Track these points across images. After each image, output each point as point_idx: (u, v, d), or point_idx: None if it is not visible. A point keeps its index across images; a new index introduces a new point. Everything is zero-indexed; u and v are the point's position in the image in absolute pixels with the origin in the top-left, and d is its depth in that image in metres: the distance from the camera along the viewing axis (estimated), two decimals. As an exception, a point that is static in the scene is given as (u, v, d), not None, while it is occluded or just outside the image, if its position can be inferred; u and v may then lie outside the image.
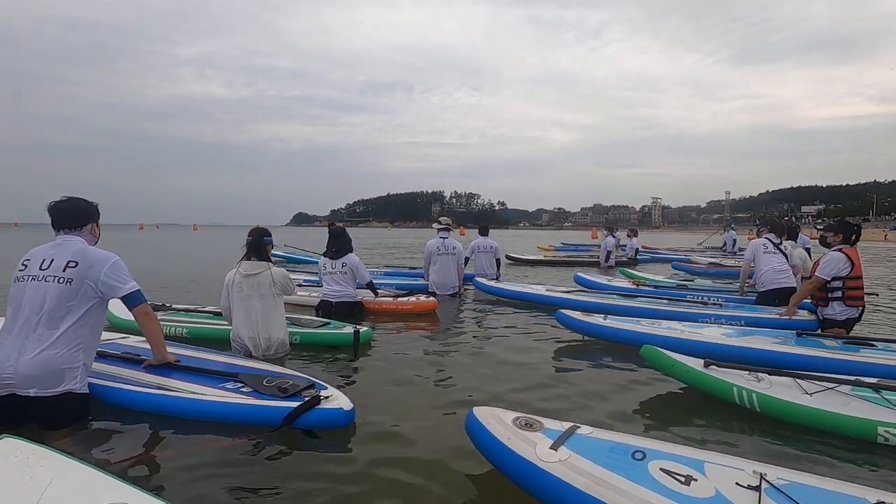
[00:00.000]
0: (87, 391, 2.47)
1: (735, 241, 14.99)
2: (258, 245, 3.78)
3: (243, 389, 2.61)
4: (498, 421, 1.98)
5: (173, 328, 4.32)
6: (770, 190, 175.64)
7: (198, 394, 2.58)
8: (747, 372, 2.82)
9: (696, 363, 2.94)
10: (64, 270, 2.43)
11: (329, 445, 2.40)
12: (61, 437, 2.31)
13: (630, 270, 9.40)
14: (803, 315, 4.47)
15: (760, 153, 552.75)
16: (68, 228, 2.60)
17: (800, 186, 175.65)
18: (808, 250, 9.45)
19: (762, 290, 5.29)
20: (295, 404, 2.40)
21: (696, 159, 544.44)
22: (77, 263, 2.45)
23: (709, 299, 5.50)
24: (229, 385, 2.67)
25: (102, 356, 2.88)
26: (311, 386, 2.65)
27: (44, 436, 2.27)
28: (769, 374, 2.78)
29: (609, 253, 11.79)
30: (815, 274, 4.14)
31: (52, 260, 2.47)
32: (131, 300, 2.58)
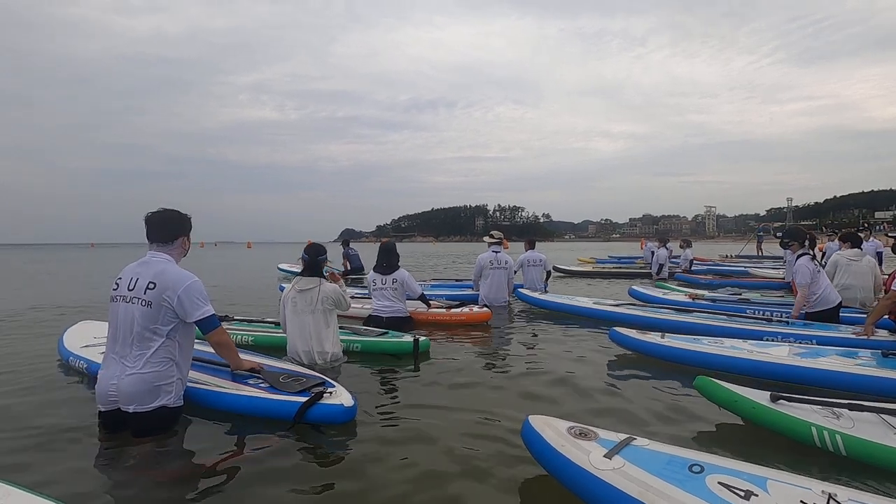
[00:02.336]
0: (181, 404, 2.58)
1: None
2: (313, 263, 3.92)
3: (262, 385, 2.84)
4: (552, 429, 2.02)
5: (240, 336, 4.60)
6: (837, 195, 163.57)
7: (221, 387, 2.83)
8: (821, 406, 2.48)
9: (761, 396, 2.59)
10: (145, 292, 2.48)
11: (383, 446, 2.46)
12: (145, 442, 2.46)
13: (666, 284, 9.01)
14: (883, 335, 4.09)
15: (826, 157, 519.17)
16: (160, 242, 2.62)
17: (872, 190, 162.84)
18: (879, 255, 8.83)
19: (813, 310, 4.88)
20: (303, 399, 2.61)
21: (754, 165, 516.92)
22: (155, 285, 2.48)
23: (773, 315, 5.21)
24: (251, 381, 2.91)
25: None
26: (322, 384, 2.83)
27: (133, 441, 2.47)
28: (849, 410, 2.41)
29: (661, 266, 11.41)
30: (893, 287, 3.87)
31: (137, 280, 2.52)
32: (204, 325, 2.60)
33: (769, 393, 2.60)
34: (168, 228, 2.64)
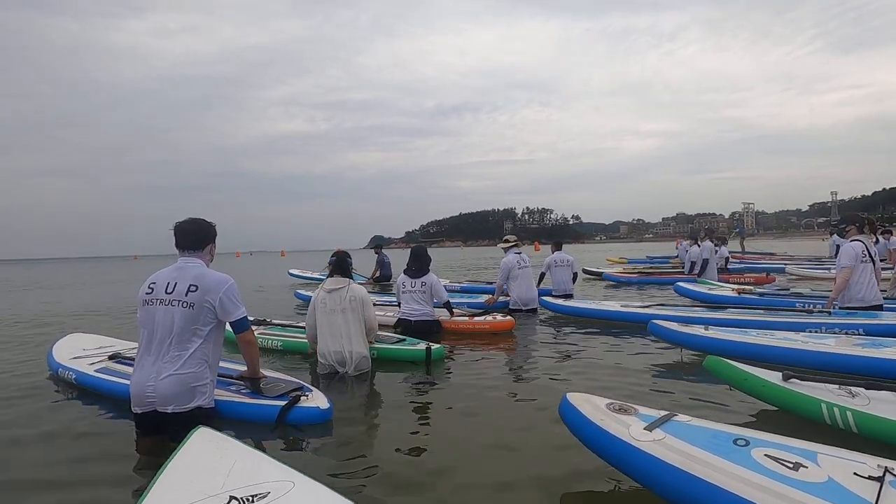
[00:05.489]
0: (213, 405, 2.67)
1: (838, 246, 13.42)
2: (342, 263, 4.05)
3: (244, 391, 2.96)
4: (591, 405, 2.02)
5: (270, 341, 4.75)
6: (887, 188, 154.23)
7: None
8: (836, 385, 2.42)
9: (773, 376, 2.56)
10: (186, 295, 2.55)
11: (402, 448, 2.51)
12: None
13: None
14: None
15: (873, 148, 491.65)
16: (191, 249, 2.71)
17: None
18: None
19: (847, 306, 4.59)
20: (282, 403, 2.77)
21: (794, 159, 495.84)
22: (197, 288, 2.57)
23: (814, 307, 5.05)
24: (233, 387, 3.00)
25: None
26: (299, 388, 2.95)
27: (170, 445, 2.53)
28: (866, 389, 2.35)
29: (694, 263, 11.08)
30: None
31: (176, 284, 2.59)
32: (239, 326, 2.70)
33: (781, 372, 2.57)
34: (199, 235, 2.74)
